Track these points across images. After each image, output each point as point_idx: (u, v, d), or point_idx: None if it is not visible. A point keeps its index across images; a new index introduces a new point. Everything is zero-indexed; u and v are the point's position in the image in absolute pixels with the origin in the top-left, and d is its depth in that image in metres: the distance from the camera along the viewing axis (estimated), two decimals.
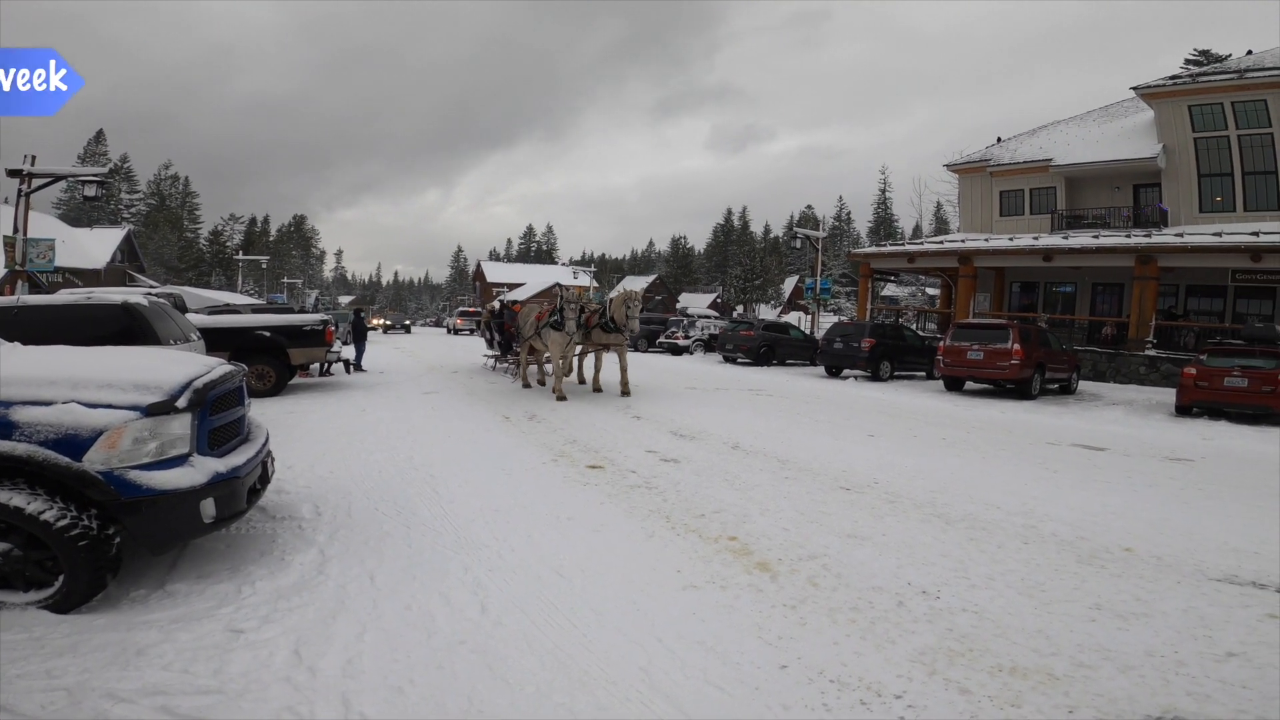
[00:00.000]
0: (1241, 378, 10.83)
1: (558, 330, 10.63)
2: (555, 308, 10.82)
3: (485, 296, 73.72)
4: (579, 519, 4.63)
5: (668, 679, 2.58)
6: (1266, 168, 18.00)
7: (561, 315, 10.56)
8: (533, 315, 11.75)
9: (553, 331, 10.70)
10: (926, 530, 4.47)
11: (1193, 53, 39.11)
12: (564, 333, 10.60)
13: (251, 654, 2.67)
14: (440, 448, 6.81)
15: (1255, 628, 3.00)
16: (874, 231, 70.06)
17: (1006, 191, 23.09)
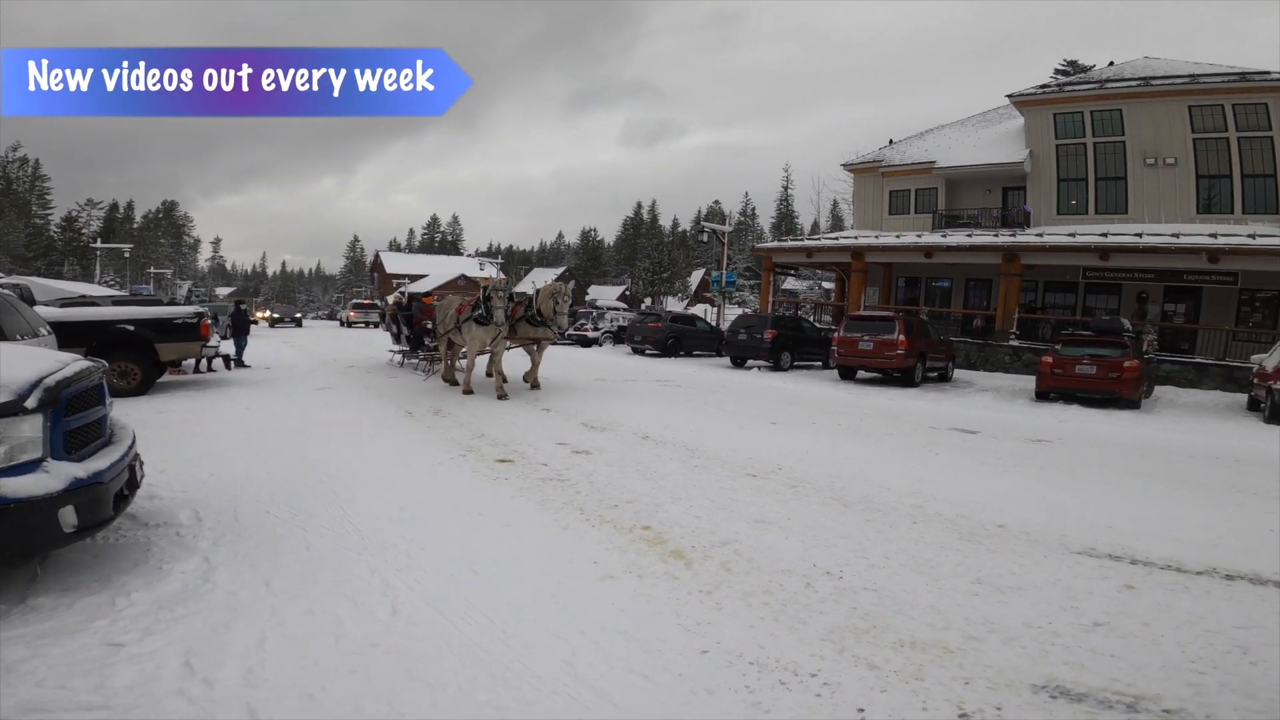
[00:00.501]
0: (1091, 365, 12.13)
1: (482, 324, 9.74)
2: (479, 299, 9.92)
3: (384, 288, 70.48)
4: (490, 514, 4.54)
5: (592, 670, 2.59)
6: (1117, 174, 20.13)
7: (487, 307, 9.64)
8: (452, 308, 10.84)
9: (476, 326, 9.81)
10: (827, 513, 4.71)
11: (1062, 63, 41.54)
12: (490, 326, 9.72)
13: (136, 667, 2.46)
14: (337, 446, 6.46)
15: (1115, 598, 3.34)
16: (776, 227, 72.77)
17: (895, 191, 24.57)
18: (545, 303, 10.41)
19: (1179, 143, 19.10)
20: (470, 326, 9.89)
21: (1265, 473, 6.68)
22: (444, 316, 11.07)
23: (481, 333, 9.81)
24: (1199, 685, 2.49)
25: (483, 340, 9.91)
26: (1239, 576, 3.64)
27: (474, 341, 10.00)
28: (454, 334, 10.66)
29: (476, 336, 9.90)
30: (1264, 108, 18.09)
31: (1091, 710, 2.34)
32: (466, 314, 10.04)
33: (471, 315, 9.84)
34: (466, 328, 10.00)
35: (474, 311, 9.83)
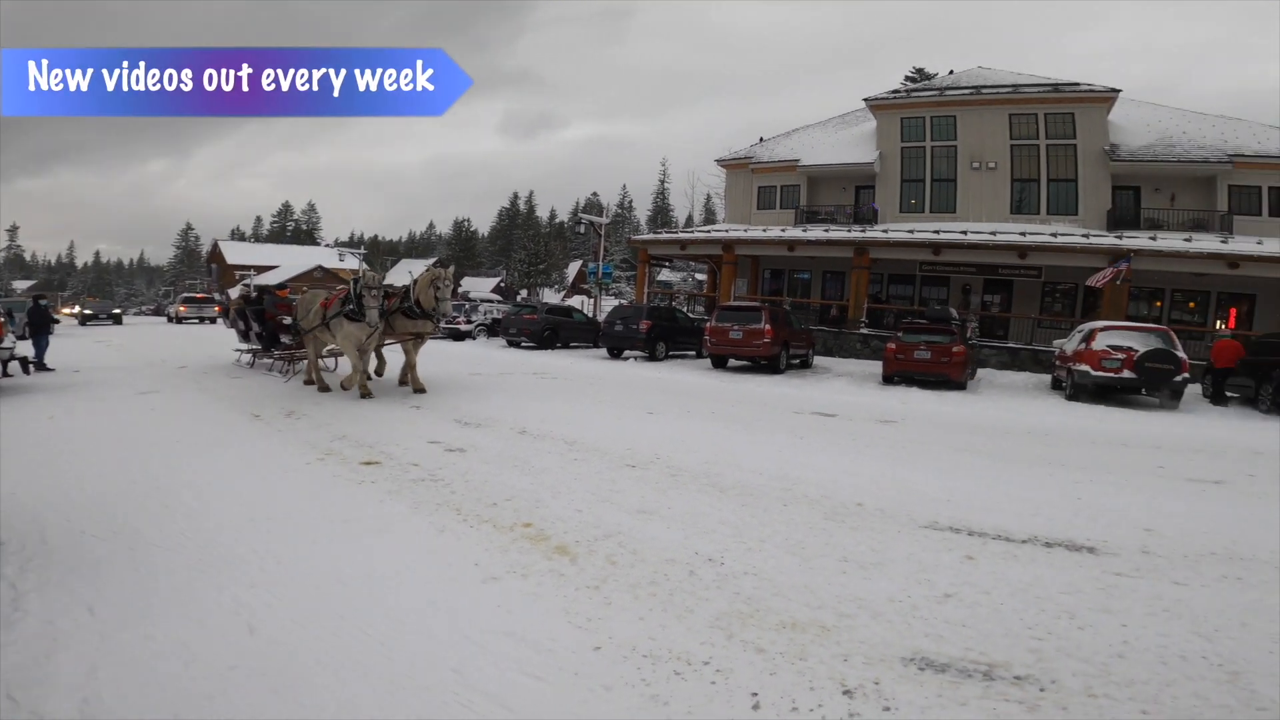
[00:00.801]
0: (927, 351, 13.43)
1: (354, 320, 8.82)
2: (349, 293, 8.95)
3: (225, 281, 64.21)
4: (357, 520, 4.25)
5: (484, 675, 2.50)
6: (949, 176, 22.34)
7: (359, 302, 8.71)
8: (317, 302, 9.80)
9: (346, 322, 8.88)
10: (705, 500, 4.86)
11: (911, 70, 44.27)
12: (363, 323, 8.80)
13: None
14: (167, 455, 5.76)
15: (959, 569, 3.69)
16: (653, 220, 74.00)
17: (764, 187, 25.75)
18: (424, 292, 9.46)
19: (1000, 148, 21.55)
20: (340, 323, 8.96)
21: (1069, 446, 7.74)
22: (307, 311, 10.00)
23: (355, 329, 8.88)
24: (1039, 651, 2.79)
25: (358, 337, 8.94)
26: (1057, 544, 4.15)
27: (348, 339, 9.01)
28: (320, 331, 9.62)
29: (350, 334, 8.94)
30: (1071, 117, 20.83)
31: (955, 679, 2.56)
32: (335, 309, 9.06)
33: (341, 310, 8.90)
34: (336, 324, 9.04)
35: (344, 306, 8.90)
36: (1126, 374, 11.62)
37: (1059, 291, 21.20)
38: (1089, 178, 20.67)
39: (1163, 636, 2.92)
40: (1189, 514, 4.87)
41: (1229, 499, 5.42)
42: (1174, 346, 11.81)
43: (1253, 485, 5.95)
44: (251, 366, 12.51)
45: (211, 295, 41.73)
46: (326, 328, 9.34)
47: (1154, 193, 20.56)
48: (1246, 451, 7.70)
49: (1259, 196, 19.35)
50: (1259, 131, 20.29)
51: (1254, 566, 3.82)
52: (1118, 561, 3.84)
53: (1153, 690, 2.49)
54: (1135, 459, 7.03)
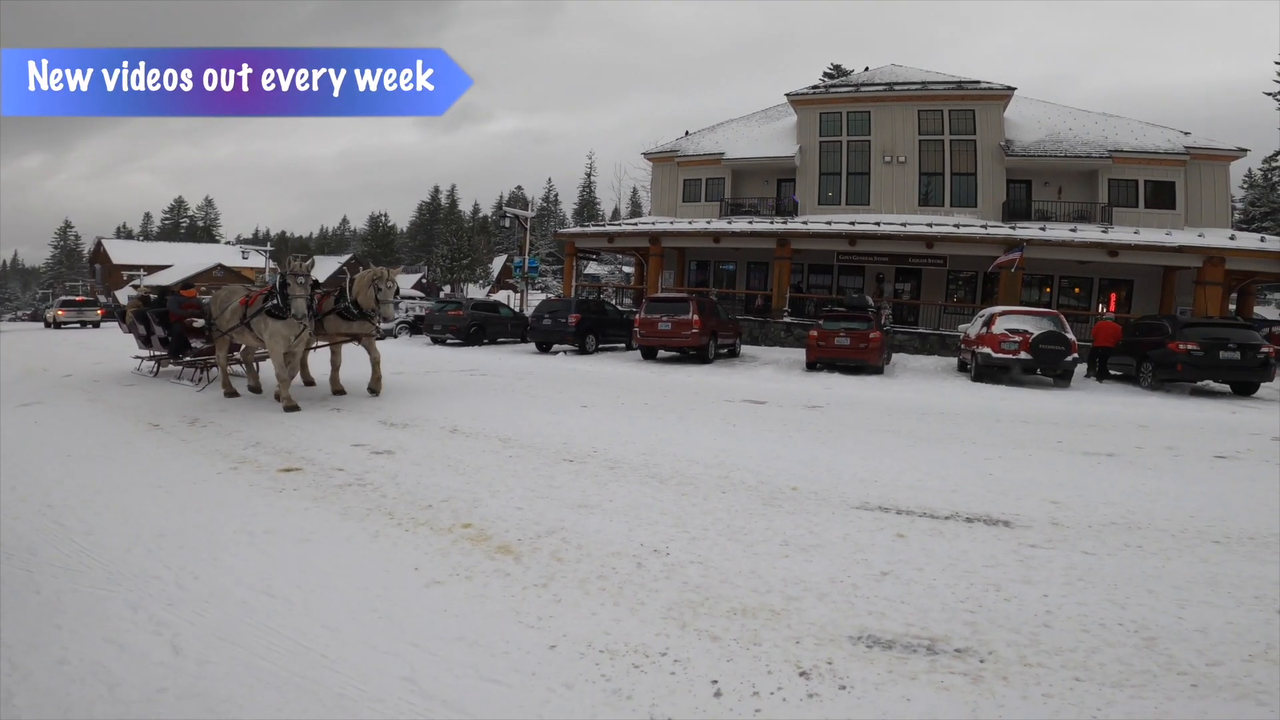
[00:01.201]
0: (846, 338, 13.99)
1: (279, 318, 7.95)
2: (272, 288, 8.14)
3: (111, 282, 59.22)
4: (280, 530, 4.01)
5: (438, 683, 2.42)
6: (863, 169, 23.26)
7: (284, 297, 7.90)
8: (235, 299, 8.84)
9: (271, 320, 7.99)
10: (645, 491, 4.87)
11: (829, 66, 45.43)
12: (290, 320, 7.95)
13: None
14: (57, 471, 5.25)
15: (891, 548, 3.85)
16: (579, 213, 73.29)
17: (689, 180, 26.01)
18: (363, 292, 8.80)
19: (909, 143, 22.62)
20: (264, 321, 8.06)
21: (977, 424, 8.25)
22: (223, 309, 9.00)
23: (282, 328, 7.99)
24: (974, 624, 2.94)
25: (285, 337, 8.03)
26: (976, 519, 4.41)
27: (275, 340, 8.05)
28: (240, 333, 8.65)
29: (277, 333, 8.02)
30: (972, 114, 22.09)
31: (902, 655, 2.67)
32: (257, 305, 8.21)
33: (263, 308, 8.03)
34: (259, 323, 8.12)
35: (266, 303, 8.04)
36: (1023, 355, 12.52)
37: (962, 279, 22.53)
38: (987, 172, 22.02)
39: (1081, 605, 3.13)
40: (1088, 485, 5.29)
41: (1122, 470, 5.92)
42: (1064, 329, 12.81)
43: (1141, 456, 6.53)
44: (155, 375, 11.21)
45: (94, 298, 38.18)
46: (248, 328, 8.36)
47: (1043, 186, 22.15)
48: (1132, 425, 8.44)
49: (1136, 189, 21.17)
50: (1136, 129, 22.18)
51: (1151, 534, 4.15)
52: (1031, 534, 4.12)
53: (1080, 657, 2.66)
54: (1036, 435, 7.58)
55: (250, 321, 8.27)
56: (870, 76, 25.18)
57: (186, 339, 10.53)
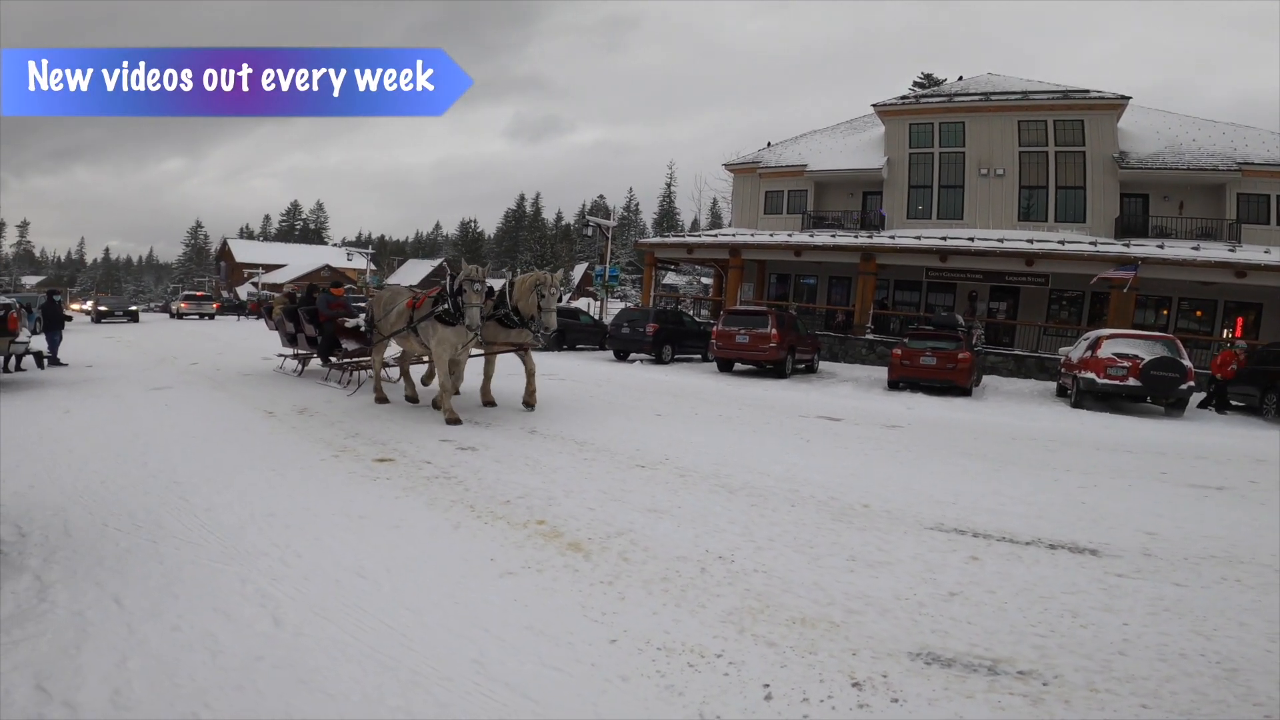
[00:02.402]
0: (932, 357, 13.47)
1: (449, 324, 7.48)
2: (442, 290, 7.67)
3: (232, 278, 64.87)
4: (373, 516, 4.34)
5: (504, 667, 2.58)
6: (957, 182, 22.38)
7: (456, 303, 7.39)
8: (401, 301, 8.49)
9: (440, 326, 7.54)
10: (715, 500, 4.94)
11: (920, 76, 44.57)
12: (460, 328, 7.48)
13: None
14: (184, 450, 5.86)
15: (964, 569, 3.77)
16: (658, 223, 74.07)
17: (770, 191, 25.81)
18: (525, 298, 8.05)
19: (1009, 155, 21.58)
20: (432, 327, 7.62)
21: (1073, 451, 7.79)
22: (388, 311, 8.61)
23: (451, 335, 7.53)
24: (1043, 648, 2.86)
25: (453, 344, 7.63)
26: (1060, 546, 4.22)
27: (442, 347, 7.61)
28: (404, 337, 8.30)
29: (445, 340, 7.55)
30: (1080, 125, 20.84)
31: (961, 674, 2.64)
32: (425, 309, 7.79)
33: (433, 312, 7.59)
34: (427, 329, 7.71)
35: (436, 307, 7.59)
36: (1132, 382, 11.65)
37: (1065, 299, 21.21)
38: (1097, 185, 20.68)
39: (1163, 635, 3.00)
40: (1190, 518, 4.93)
41: (1230, 504, 5.47)
42: (1179, 355, 11.83)
43: (1254, 491, 5.99)
44: (299, 374, 11.05)
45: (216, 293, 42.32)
46: (413, 332, 7.99)
47: (1162, 200, 20.55)
48: (1249, 458, 7.74)
49: (1268, 205, 19.33)
50: (1267, 139, 20.27)
51: (1253, 569, 3.88)
52: (1120, 563, 3.91)
53: (1152, 686, 2.56)
54: (1138, 465, 7.08)
55: (417, 326, 7.89)
56: (965, 86, 24.21)
57: (336, 339, 10.32)
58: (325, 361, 10.58)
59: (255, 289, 49.52)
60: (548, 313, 7.82)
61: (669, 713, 2.34)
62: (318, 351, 10.64)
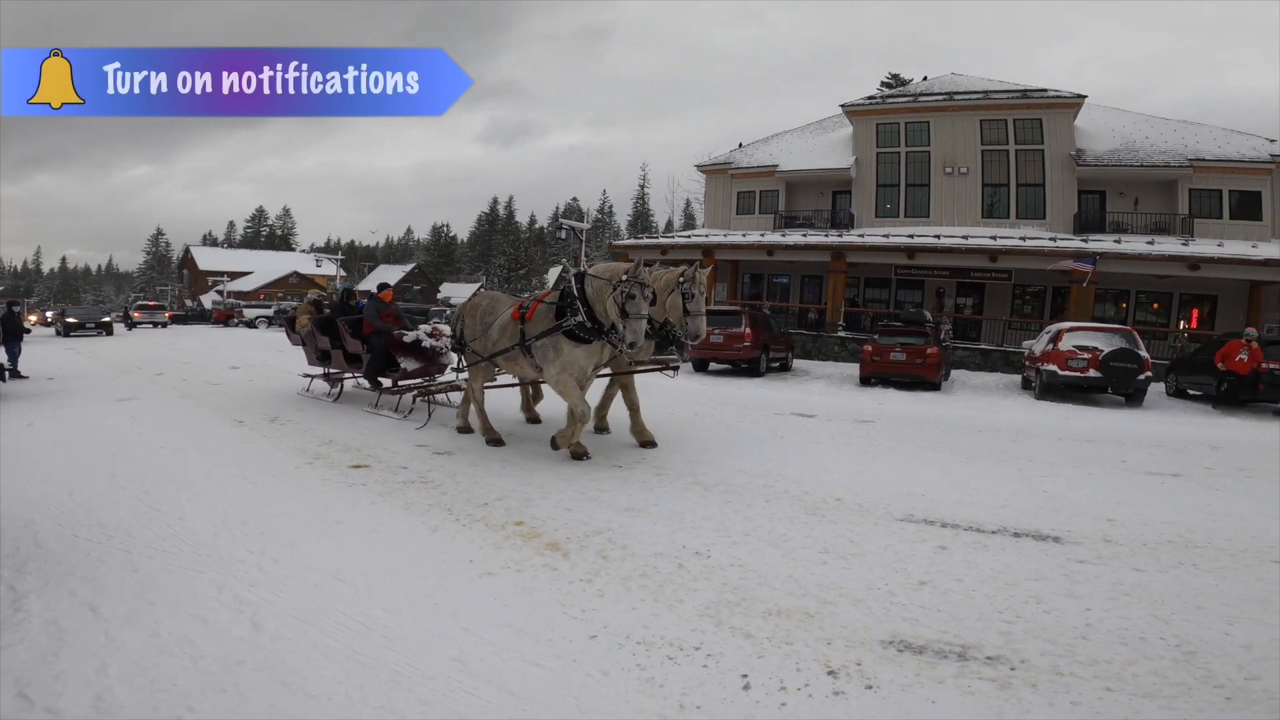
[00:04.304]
0: (902, 353, 13.74)
1: (583, 341, 5.85)
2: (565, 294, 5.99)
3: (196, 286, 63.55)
4: (349, 521, 4.34)
5: (485, 664, 2.63)
6: (923, 181, 22.81)
7: (591, 313, 5.75)
8: (503, 310, 6.74)
9: (568, 344, 5.86)
10: (690, 497, 5.01)
11: (886, 76, 44.99)
12: (594, 347, 5.92)
13: None
14: (154, 460, 5.80)
15: (933, 559, 3.88)
16: (633, 225, 74.21)
17: (743, 192, 26.06)
18: (663, 301, 6.31)
19: (972, 153, 22.06)
20: (558, 345, 5.91)
21: (1036, 442, 8.03)
22: (486, 325, 6.82)
23: (581, 356, 5.90)
24: (1009, 634, 2.97)
25: (583, 369, 6.03)
26: (1024, 534, 4.37)
27: (569, 370, 5.95)
28: (512, 359, 6.54)
29: (573, 363, 5.91)
30: (1039, 123, 21.38)
31: (932, 660, 2.73)
32: (543, 321, 6.06)
33: (560, 326, 5.88)
34: (548, 347, 5.96)
35: (564, 320, 5.87)
36: (1092, 373, 12.03)
37: (1028, 294, 21.76)
38: (1056, 182, 21.26)
39: (1124, 620, 3.12)
40: (1148, 505, 5.13)
41: (1186, 490, 5.70)
42: (1137, 346, 12.25)
43: (1209, 478, 6.25)
44: (335, 399, 9.15)
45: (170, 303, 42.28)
46: (525, 352, 6.22)
47: (1118, 197, 21.21)
48: (1204, 446, 8.05)
49: (1219, 199, 20.05)
50: (1218, 135, 21.02)
51: (1208, 553, 4.05)
52: (1081, 550, 4.06)
53: (1115, 669, 2.67)
54: (1098, 454, 7.33)
55: (531, 343, 6.08)
56: (929, 86, 24.69)
57: (392, 356, 8.54)
58: (374, 384, 8.78)
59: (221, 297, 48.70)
60: (696, 317, 6.06)
61: (650, 705, 2.40)
62: (364, 372, 8.77)
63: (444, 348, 8.50)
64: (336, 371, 9.49)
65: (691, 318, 6.06)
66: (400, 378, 8.61)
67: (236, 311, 38.90)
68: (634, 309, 5.47)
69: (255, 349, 18.85)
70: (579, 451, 6.06)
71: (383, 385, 8.76)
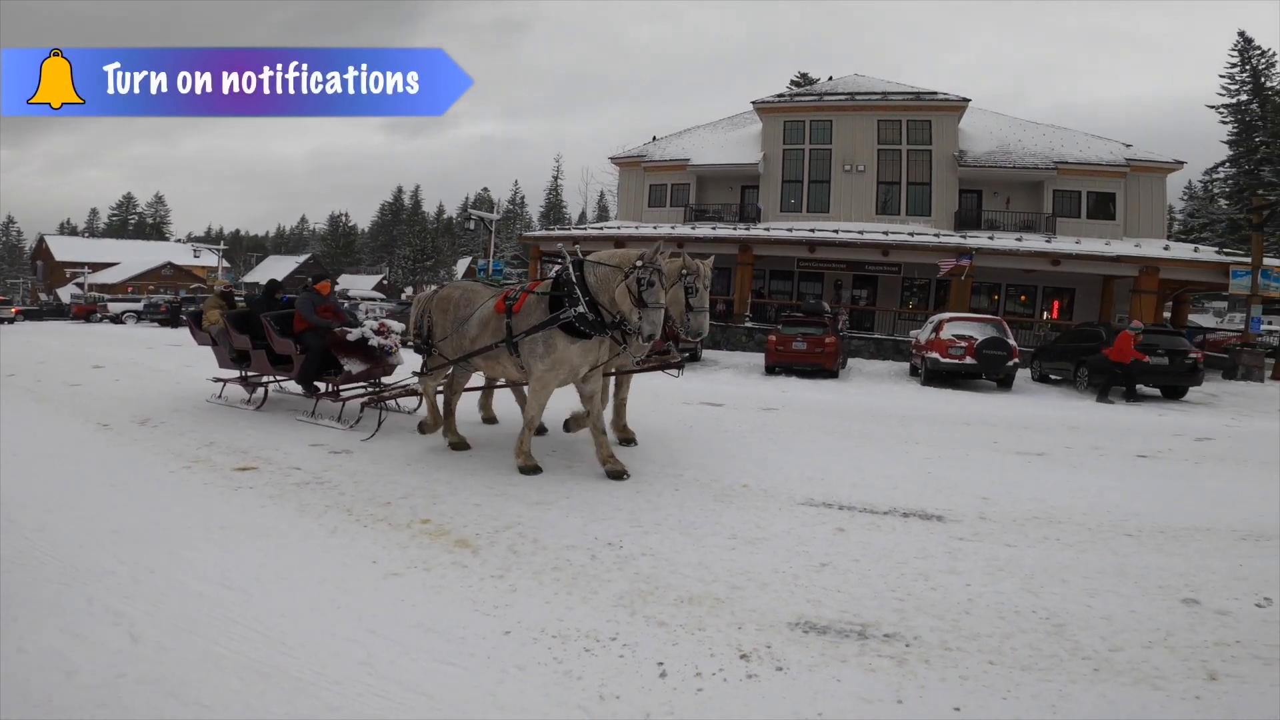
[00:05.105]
0: (803, 342, 14.37)
1: (581, 336, 5.21)
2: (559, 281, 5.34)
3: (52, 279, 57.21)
4: (237, 526, 4.08)
5: (395, 666, 2.55)
6: (824, 178, 23.87)
7: (596, 304, 5.15)
8: (483, 302, 5.89)
9: (563, 340, 5.21)
10: (601, 488, 5.03)
11: (796, 75, 46.47)
12: (592, 343, 5.32)
13: None
14: (8, 470, 5.18)
15: (832, 541, 4.09)
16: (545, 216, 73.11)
17: (655, 185, 26.35)
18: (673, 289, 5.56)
19: (869, 152, 23.30)
20: (551, 340, 5.23)
21: (922, 426, 8.63)
22: (460, 319, 5.97)
23: (576, 354, 5.28)
24: (902, 611, 3.17)
25: (575, 369, 5.37)
26: (911, 514, 4.68)
27: (556, 371, 5.31)
28: (491, 359, 5.78)
29: (563, 361, 5.26)
30: (928, 125, 22.84)
31: (835, 640, 2.88)
32: (533, 313, 5.38)
33: (556, 319, 5.17)
34: (536, 343, 5.28)
35: (562, 312, 5.17)
36: (968, 360, 13.06)
37: (916, 286, 23.28)
38: (941, 181, 22.81)
39: (999, 594, 3.38)
40: (1017, 483, 5.64)
41: (1050, 468, 6.31)
42: (1006, 335, 13.40)
43: (1069, 455, 6.95)
44: (259, 407, 7.88)
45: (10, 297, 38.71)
46: (510, 350, 5.48)
47: (993, 196, 23.05)
48: (1064, 427, 8.94)
49: (1079, 200, 22.19)
50: (1081, 140, 23.22)
51: (1069, 528, 4.46)
52: (960, 527, 4.40)
53: (995, 643, 2.88)
54: (974, 436, 7.98)
55: (520, 341, 5.37)
56: (834, 85, 25.83)
57: (332, 356, 7.41)
58: (309, 389, 7.60)
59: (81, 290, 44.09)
60: (699, 314, 5.51)
61: (569, 697, 2.41)
62: (298, 376, 7.55)
63: (393, 347, 7.51)
64: (257, 375, 8.25)
65: (694, 313, 5.49)
66: (342, 382, 7.42)
67: (100, 306, 35.30)
68: (652, 298, 4.92)
69: (121, 346, 17.19)
70: (530, 465, 5.41)
71: (320, 390, 7.57)
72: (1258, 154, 38.03)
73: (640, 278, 4.95)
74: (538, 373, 5.34)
